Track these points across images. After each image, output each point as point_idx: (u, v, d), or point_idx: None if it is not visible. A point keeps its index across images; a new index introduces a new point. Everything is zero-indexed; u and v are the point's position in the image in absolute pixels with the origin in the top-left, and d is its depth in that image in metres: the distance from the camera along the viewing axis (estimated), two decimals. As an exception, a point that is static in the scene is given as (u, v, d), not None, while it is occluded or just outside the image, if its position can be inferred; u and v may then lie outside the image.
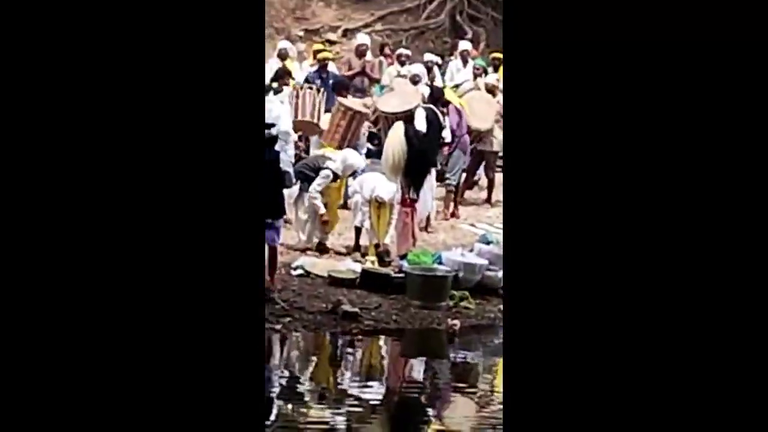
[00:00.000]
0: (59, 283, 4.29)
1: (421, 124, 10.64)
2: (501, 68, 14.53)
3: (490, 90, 13.15)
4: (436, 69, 15.06)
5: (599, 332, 4.26)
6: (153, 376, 4.31)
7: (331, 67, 13.75)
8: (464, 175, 12.67)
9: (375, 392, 7.77)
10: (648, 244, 4.27)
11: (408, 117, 10.44)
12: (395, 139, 10.22)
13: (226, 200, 4.43)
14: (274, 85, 11.64)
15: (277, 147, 9.72)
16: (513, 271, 4.43)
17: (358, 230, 10.79)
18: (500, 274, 9.94)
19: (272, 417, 6.73)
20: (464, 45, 16.21)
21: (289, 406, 7.20)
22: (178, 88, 4.42)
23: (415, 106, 10.68)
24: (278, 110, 11.29)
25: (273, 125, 9.88)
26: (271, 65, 14.15)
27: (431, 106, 11.17)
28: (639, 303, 4.25)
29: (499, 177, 13.05)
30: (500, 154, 13.30)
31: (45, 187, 4.32)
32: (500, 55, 14.90)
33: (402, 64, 14.40)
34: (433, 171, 11.36)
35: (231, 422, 4.32)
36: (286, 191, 9.83)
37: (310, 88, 12.06)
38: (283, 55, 14.04)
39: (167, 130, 4.41)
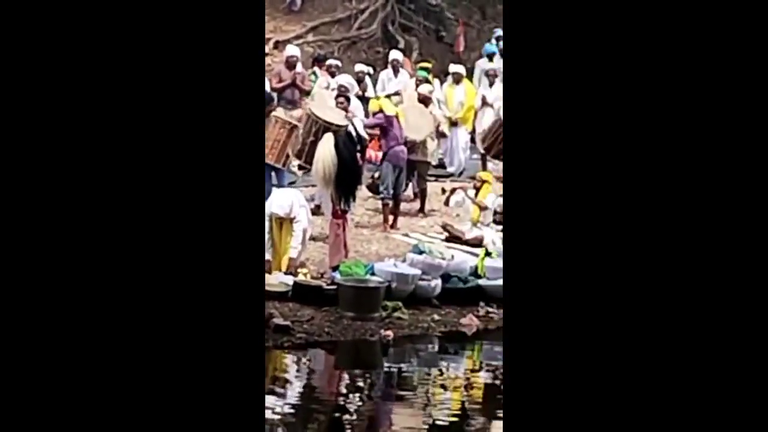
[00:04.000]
0: (60, 285, 4.28)
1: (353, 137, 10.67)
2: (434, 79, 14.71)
3: (423, 101, 13.16)
4: (367, 79, 15.04)
5: (599, 336, 4.24)
6: (149, 380, 4.30)
7: (262, 80, 13.69)
8: (403, 185, 12.53)
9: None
10: (649, 244, 4.25)
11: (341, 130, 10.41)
12: (326, 150, 10.20)
13: (225, 201, 4.40)
14: None
15: None
16: (513, 274, 4.40)
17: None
18: (432, 283, 9.99)
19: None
20: (395, 54, 16.17)
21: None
22: (177, 86, 4.39)
23: (345, 124, 10.68)
24: None
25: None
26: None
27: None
28: (639, 305, 4.23)
29: (430, 186, 13.10)
30: (433, 164, 13.36)
31: (43, 185, 4.30)
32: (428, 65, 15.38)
33: (332, 75, 14.33)
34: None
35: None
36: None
37: None
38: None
39: (165, 127, 4.37)
